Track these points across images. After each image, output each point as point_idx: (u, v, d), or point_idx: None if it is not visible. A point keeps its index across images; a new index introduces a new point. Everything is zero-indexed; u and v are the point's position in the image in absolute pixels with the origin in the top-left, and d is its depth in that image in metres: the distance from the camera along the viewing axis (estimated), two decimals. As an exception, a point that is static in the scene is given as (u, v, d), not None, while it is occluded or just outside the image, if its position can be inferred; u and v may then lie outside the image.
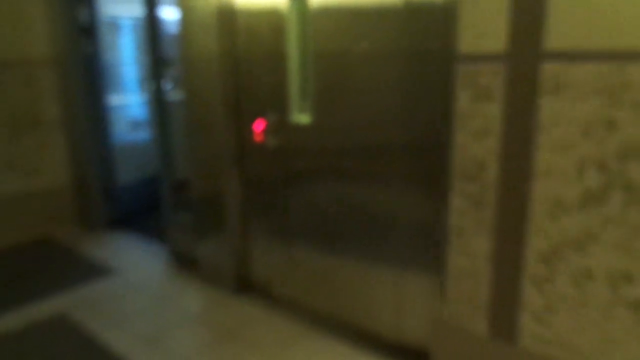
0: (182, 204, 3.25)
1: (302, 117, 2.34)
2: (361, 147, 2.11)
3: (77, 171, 3.89)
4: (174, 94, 3.19)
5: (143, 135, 4.30)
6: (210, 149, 2.73)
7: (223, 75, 2.55)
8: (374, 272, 2.22)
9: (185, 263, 3.17)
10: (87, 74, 3.74)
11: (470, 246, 1.78)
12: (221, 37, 2.49)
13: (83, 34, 3.68)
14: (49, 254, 3.42)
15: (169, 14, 3.03)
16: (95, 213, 3.87)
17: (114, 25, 4.16)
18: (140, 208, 4.20)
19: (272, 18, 2.31)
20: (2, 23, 3.53)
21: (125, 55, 4.26)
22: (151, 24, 3.10)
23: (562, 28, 1.46)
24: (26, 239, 3.65)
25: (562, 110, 1.50)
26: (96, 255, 3.37)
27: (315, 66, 2.20)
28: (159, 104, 3.21)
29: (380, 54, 1.97)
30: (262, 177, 2.60)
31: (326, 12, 2.10)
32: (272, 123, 2.44)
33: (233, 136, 2.63)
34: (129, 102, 4.29)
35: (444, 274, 1.90)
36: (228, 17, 2.48)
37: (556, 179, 1.55)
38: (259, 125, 2.49)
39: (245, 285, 2.83)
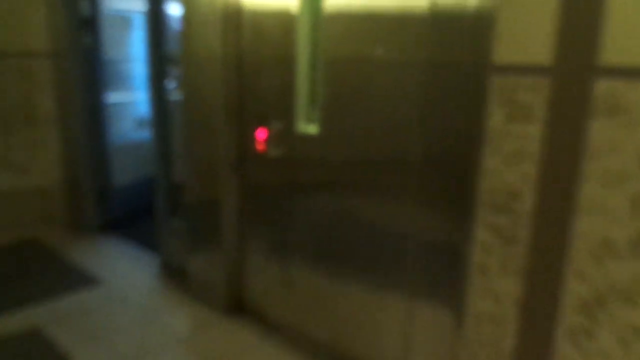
0: (176, 210, 3.03)
1: (309, 127, 2.12)
2: (373, 162, 1.88)
3: (70, 170, 3.68)
4: (176, 93, 2.99)
5: (148, 134, 4.08)
6: (208, 154, 2.50)
7: (225, 77, 2.33)
8: (382, 301, 1.98)
9: (177, 275, 2.94)
10: (86, 68, 3.54)
11: (496, 287, 1.54)
12: (225, 36, 2.28)
13: (83, 27, 3.48)
14: (33, 257, 3.20)
15: (175, 10, 2.83)
16: (87, 215, 3.66)
17: (124, 19, 3.97)
18: (136, 211, 3.98)
19: (282, 19, 2.09)
20: (2, 12, 3.35)
21: (134, 51, 4.05)
22: (154, 19, 2.89)
23: (621, 40, 1.23)
24: (10, 240, 3.43)
25: (617, 136, 1.26)
26: (83, 261, 3.14)
27: (326, 72, 1.97)
28: (159, 102, 3.00)
29: (400, 63, 1.75)
30: (262, 188, 2.37)
31: (341, 16, 1.87)
32: (275, 131, 2.21)
33: (233, 142, 2.40)
34: (136, 99, 4.08)
35: (462, 311, 1.66)
36: (233, 15, 2.26)
37: (605, 215, 1.31)
38: (261, 133, 2.27)
39: (238, 305, 2.59)
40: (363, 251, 2.00)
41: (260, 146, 2.29)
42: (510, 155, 1.43)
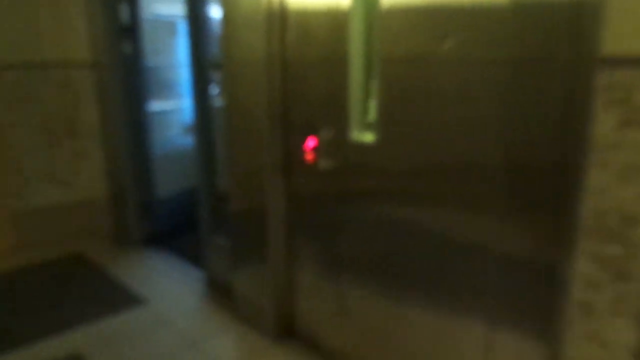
0: (220, 223, 2.86)
1: (364, 135, 1.88)
2: (442, 170, 1.62)
3: (114, 183, 3.59)
4: (219, 99, 2.82)
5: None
6: (252, 163, 2.31)
7: (269, 81, 2.13)
8: (455, 329, 1.72)
9: (223, 294, 2.77)
10: (128, 77, 3.43)
11: (603, 331, 1.25)
12: (269, 38, 2.07)
13: (124, 35, 3.38)
14: (78, 273, 3.12)
15: (218, 13, 2.66)
16: (131, 229, 3.56)
17: (167, 24, 3.86)
18: (180, 224, 3.85)
19: (331, 16, 1.85)
20: (43, 21, 3.29)
21: (179, 57, 3.93)
22: (195, 23, 2.73)
23: None
24: (56, 255, 3.37)
25: None
26: (127, 278, 3.03)
27: (383, 73, 1.72)
28: (202, 109, 2.84)
29: (473, 60, 1.48)
30: (312, 198, 2.15)
31: (401, 10, 1.62)
32: (325, 140, 1.98)
33: (279, 151, 2.20)
34: (181, 106, 3.95)
35: (558, 353, 1.38)
36: (277, 15, 2.05)
37: None
38: (310, 142, 2.05)
39: (288, 330, 2.38)
40: (431, 271, 1.74)
41: (309, 156, 2.07)
42: (625, 170, 1.15)
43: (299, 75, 2.06)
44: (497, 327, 1.58)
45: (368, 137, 1.85)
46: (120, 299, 2.78)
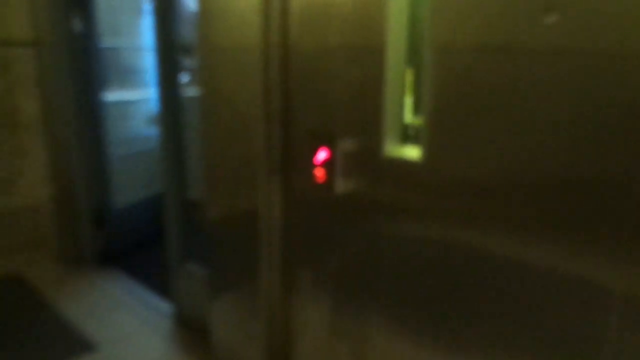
0: (193, 241, 2.31)
1: (404, 148, 1.36)
2: (533, 188, 1.12)
3: (61, 187, 2.96)
4: (192, 88, 2.27)
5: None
6: (240, 167, 1.77)
7: (264, 73, 1.59)
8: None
9: (197, 335, 2.22)
10: (78, 60, 2.80)
11: None
12: (266, 15, 1.53)
13: (73, 8, 2.74)
14: (15, 304, 2.50)
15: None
16: (82, 245, 2.95)
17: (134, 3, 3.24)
18: (144, 238, 3.25)
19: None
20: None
21: (147, 39, 3.30)
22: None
23: None
24: (-13, 278, 2.74)
25: None
26: (75, 312, 2.42)
27: (438, 67, 1.20)
28: (170, 100, 2.26)
29: (590, 51, 0.98)
30: (323, 215, 1.63)
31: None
32: (345, 154, 1.45)
33: (276, 159, 1.66)
34: (146, 96, 3.33)
35: None
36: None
37: None
38: (320, 156, 1.52)
39: (283, 390, 1.86)
40: (516, 318, 1.23)
41: (318, 174, 1.54)
42: None
43: (308, 67, 1.52)
44: None
45: (410, 152, 1.32)
46: (64, 342, 2.18)
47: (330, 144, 1.48)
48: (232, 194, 1.85)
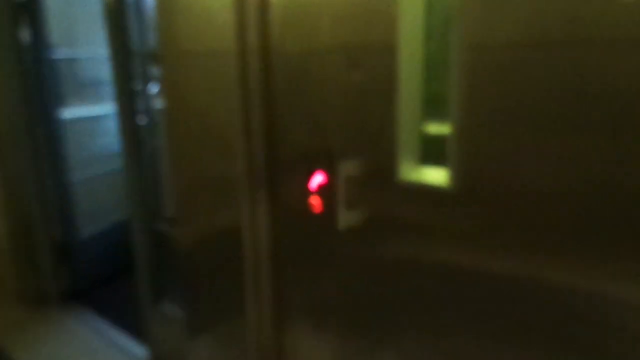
0: (168, 275, 2.01)
1: (426, 171, 1.07)
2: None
3: (17, 218, 2.61)
4: (159, 100, 1.97)
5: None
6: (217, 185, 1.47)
7: (242, 80, 1.29)
8: None
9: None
10: (28, 72, 2.46)
11: None
12: (239, 15, 1.24)
13: (18, 14, 2.40)
14: (-40, 360, 2.16)
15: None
16: (43, 282, 2.60)
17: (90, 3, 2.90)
18: (112, 271, 2.91)
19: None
20: None
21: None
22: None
23: None
24: None
25: None
26: (33, 365, 2.10)
27: (471, 68, 0.92)
28: (130, 116, 1.95)
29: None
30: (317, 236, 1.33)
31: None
32: (348, 178, 1.16)
33: (264, 210, 1.37)
34: (109, 111, 3.00)
35: None
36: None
37: None
38: (315, 181, 1.22)
39: None
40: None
41: (315, 204, 1.24)
42: None
43: (295, 71, 1.22)
44: None
45: (435, 176, 1.04)
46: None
47: (328, 166, 1.19)
48: (208, 217, 1.56)
